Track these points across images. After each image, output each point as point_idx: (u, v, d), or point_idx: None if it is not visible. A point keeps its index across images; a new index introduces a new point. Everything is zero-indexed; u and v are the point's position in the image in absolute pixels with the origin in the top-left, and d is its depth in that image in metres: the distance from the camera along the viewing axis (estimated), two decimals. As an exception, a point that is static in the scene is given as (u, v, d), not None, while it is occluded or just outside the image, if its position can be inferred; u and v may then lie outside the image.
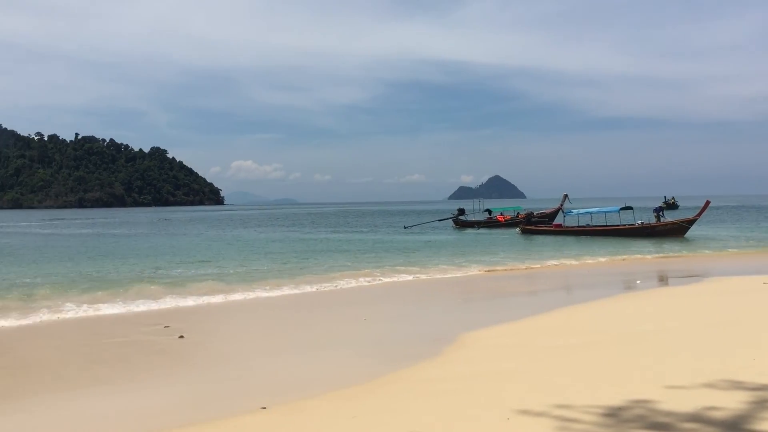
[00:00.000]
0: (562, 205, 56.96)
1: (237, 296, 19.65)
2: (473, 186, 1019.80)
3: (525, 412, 6.94)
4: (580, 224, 49.51)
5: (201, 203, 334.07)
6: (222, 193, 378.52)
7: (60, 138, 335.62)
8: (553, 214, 58.11)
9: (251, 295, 19.98)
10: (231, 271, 26.47)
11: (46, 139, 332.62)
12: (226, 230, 66.89)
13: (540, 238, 44.92)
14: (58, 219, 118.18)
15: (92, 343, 13.36)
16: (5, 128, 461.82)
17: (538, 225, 53.00)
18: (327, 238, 50.28)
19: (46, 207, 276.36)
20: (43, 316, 16.13)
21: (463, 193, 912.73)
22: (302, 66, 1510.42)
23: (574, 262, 29.18)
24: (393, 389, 8.80)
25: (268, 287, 21.38)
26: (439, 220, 68.57)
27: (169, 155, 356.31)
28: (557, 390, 7.90)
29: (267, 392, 9.04)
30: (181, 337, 13.43)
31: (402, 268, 26.94)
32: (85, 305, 17.60)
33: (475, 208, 65.96)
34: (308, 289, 21.23)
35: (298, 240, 48.28)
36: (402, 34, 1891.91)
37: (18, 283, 22.78)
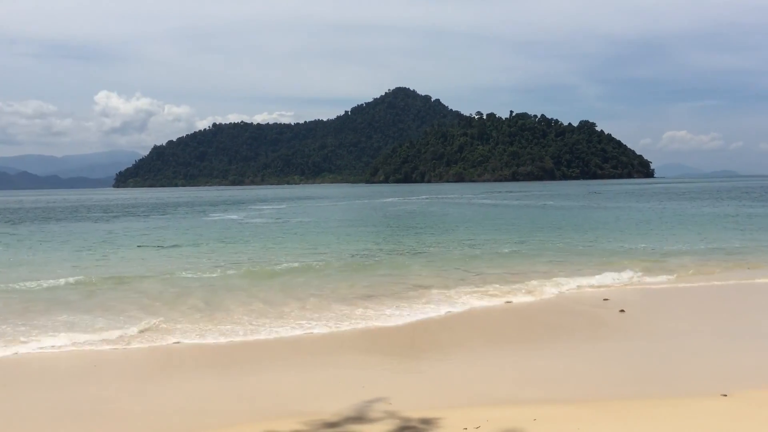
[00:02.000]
0: None
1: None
2: None
3: None
4: None
5: (629, 176, 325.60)
6: (651, 166, 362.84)
7: (496, 116, 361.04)
8: None
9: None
10: (703, 247, 25.12)
11: (484, 117, 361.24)
12: (662, 204, 63.79)
13: None
14: (496, 191, 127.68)
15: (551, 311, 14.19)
16: (450, 109, 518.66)
17: None
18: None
19: (484, 180, 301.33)
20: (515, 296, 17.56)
21: None
22: (747, 23, 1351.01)
23: None
24: None
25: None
26: None
27: (597, 128, 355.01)
28: None
29: (723, 377, 8.45)
30: (622, 311, 13.36)
31: None
32: (569, 278, 17.89)
33: None
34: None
35: (751, 216, 43.46)
36: None
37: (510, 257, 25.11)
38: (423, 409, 7.59)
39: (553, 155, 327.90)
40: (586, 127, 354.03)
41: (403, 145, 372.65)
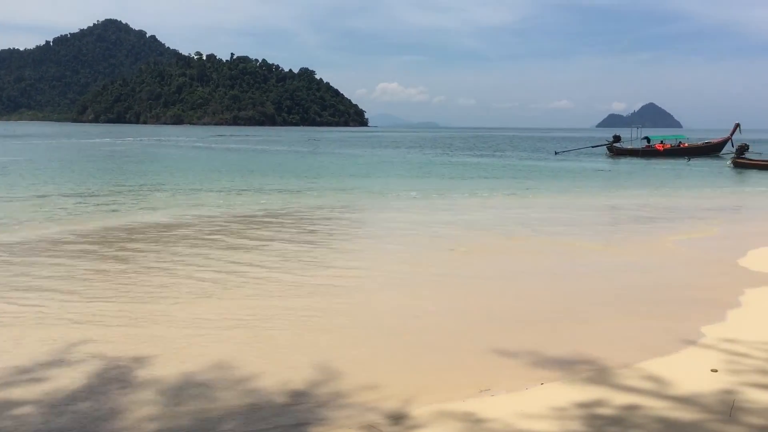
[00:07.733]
0: (731, 136, 54.90)
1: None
2: (624, 114, 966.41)
3: None
4: None
5: (346, 124, 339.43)
6: (366, 115, 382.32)
7: (217, 57, 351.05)
8: (720, 145, 56.85)
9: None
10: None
11: (204, 58, 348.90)
12: (386, 151, 67.99)
13: (753, 174, 38.86)
14: (220, 135, 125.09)
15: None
16: (168, 47, 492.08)
17: (757, 160, 43.83)
18: (476, 162, 50.32)
19: (204, 124, 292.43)
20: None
21: (613, 120, 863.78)
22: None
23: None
24: None
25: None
26: (593, 147, 66.14)
27: (317, 76, 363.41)
28: None
29: None
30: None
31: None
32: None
33: (632, 136, 62.18)
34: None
35: (464, 164, 48.42)
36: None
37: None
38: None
39: (274, 101, 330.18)
40: (306, 74, 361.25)
41: (115, 83, 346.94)
